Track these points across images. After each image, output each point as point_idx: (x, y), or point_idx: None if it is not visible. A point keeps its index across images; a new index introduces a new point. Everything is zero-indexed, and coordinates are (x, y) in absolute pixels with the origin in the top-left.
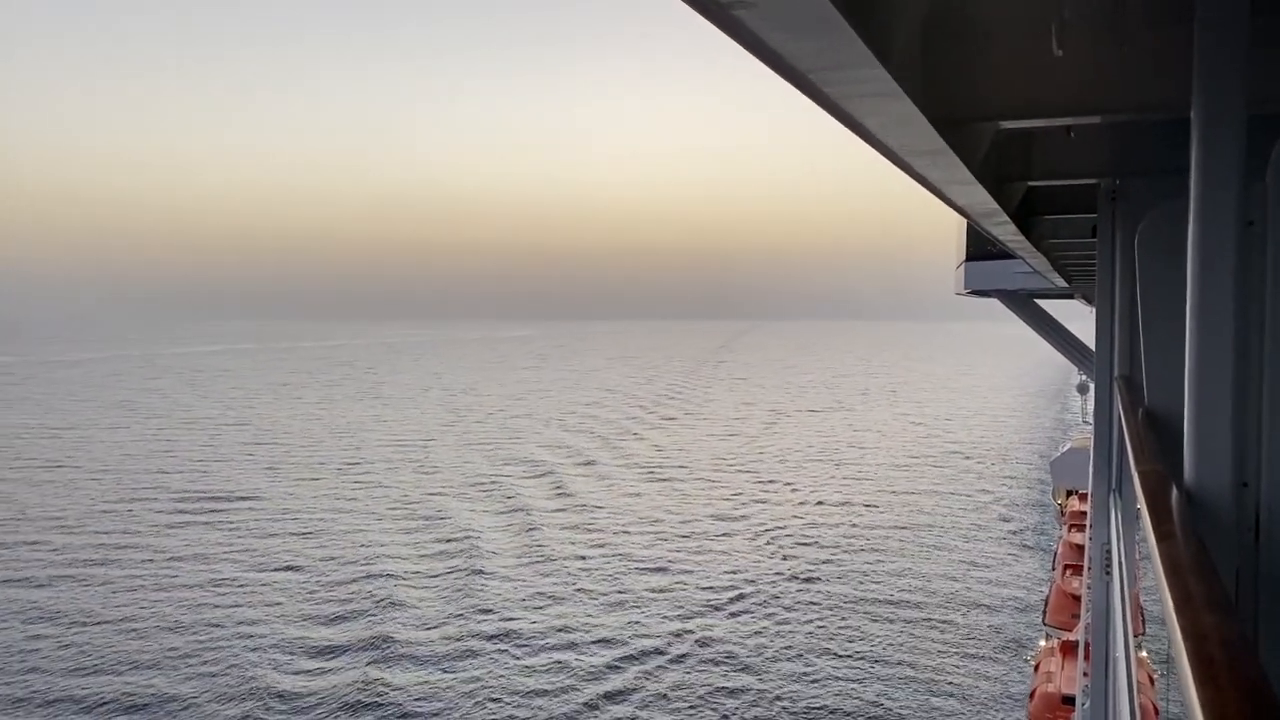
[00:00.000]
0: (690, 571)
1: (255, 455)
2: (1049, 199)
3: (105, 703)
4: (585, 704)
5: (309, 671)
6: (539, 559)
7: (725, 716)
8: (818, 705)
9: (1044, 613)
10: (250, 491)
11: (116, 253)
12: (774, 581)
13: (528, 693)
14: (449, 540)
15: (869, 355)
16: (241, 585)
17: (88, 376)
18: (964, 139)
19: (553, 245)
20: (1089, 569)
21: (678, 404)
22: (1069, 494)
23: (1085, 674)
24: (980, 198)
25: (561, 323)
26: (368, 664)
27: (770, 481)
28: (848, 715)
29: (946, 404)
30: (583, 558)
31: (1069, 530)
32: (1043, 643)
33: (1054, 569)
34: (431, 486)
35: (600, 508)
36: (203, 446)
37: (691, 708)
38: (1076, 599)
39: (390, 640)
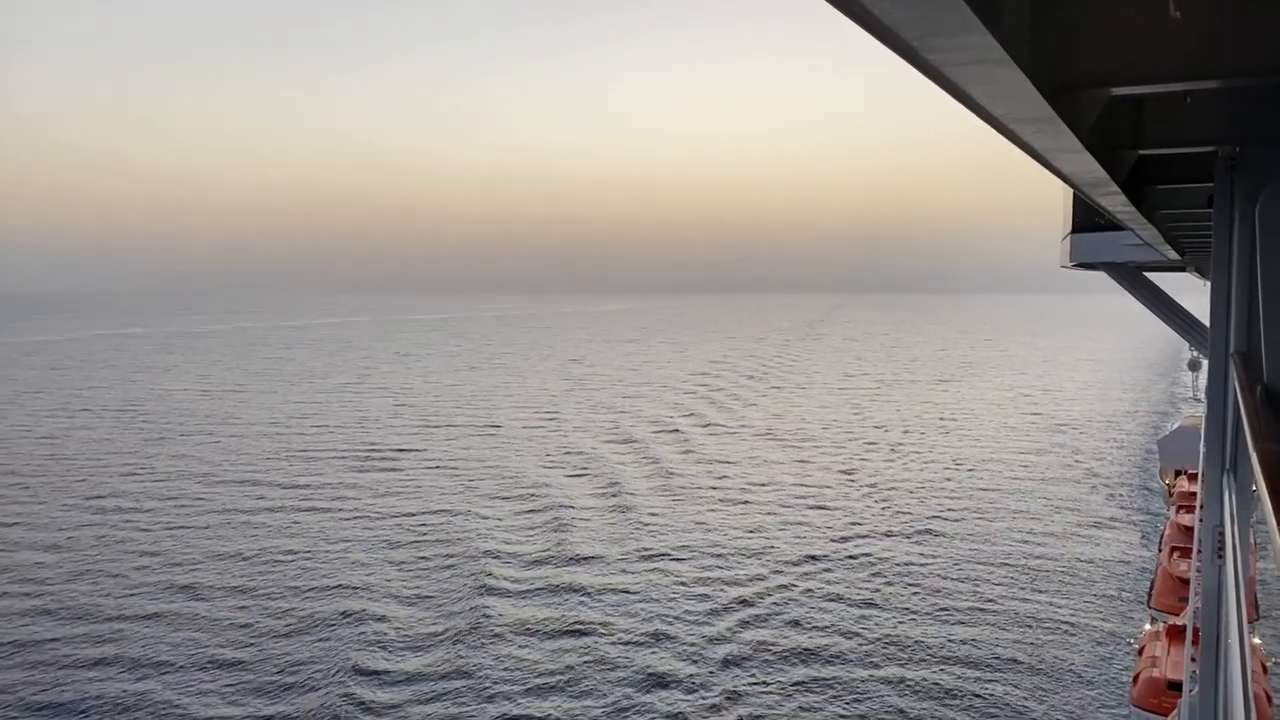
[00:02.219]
0: (805, 525)
1: (401, 416)
2: (1162, 167)
3: (341, 587)
4: (731, 625)
5: (521, 577)
6: (678, 502)
7: (839, 635)
8: (913, 659)
9: (1149, 596)
10: (407, 445)
11: (227, 229)
12: (879, 540)
13: (685, 602)
14: (602, 486)
15: (971, 329)
16: (420, 517)
17: (223, 346)
18: (1073, 106)
19: (643, 218)
20: (1198, 552)
21: (782, 375)
22: (1177, 474)
23: (1193, 660)
24: (1088, 167)
25: (655, 297)
26: (556, 570)
27: (875, 445)
28: (943, 689)
29: (1050, 378)
30: (714, 502)
31: (1176, 511)
32: (1147, 626)
33: (1160, 551)
34: (567, 445)
35: (724, 463)
36: (352, 409)
37: (810, 634)
38: (1184, 582)
39: (566, 556)
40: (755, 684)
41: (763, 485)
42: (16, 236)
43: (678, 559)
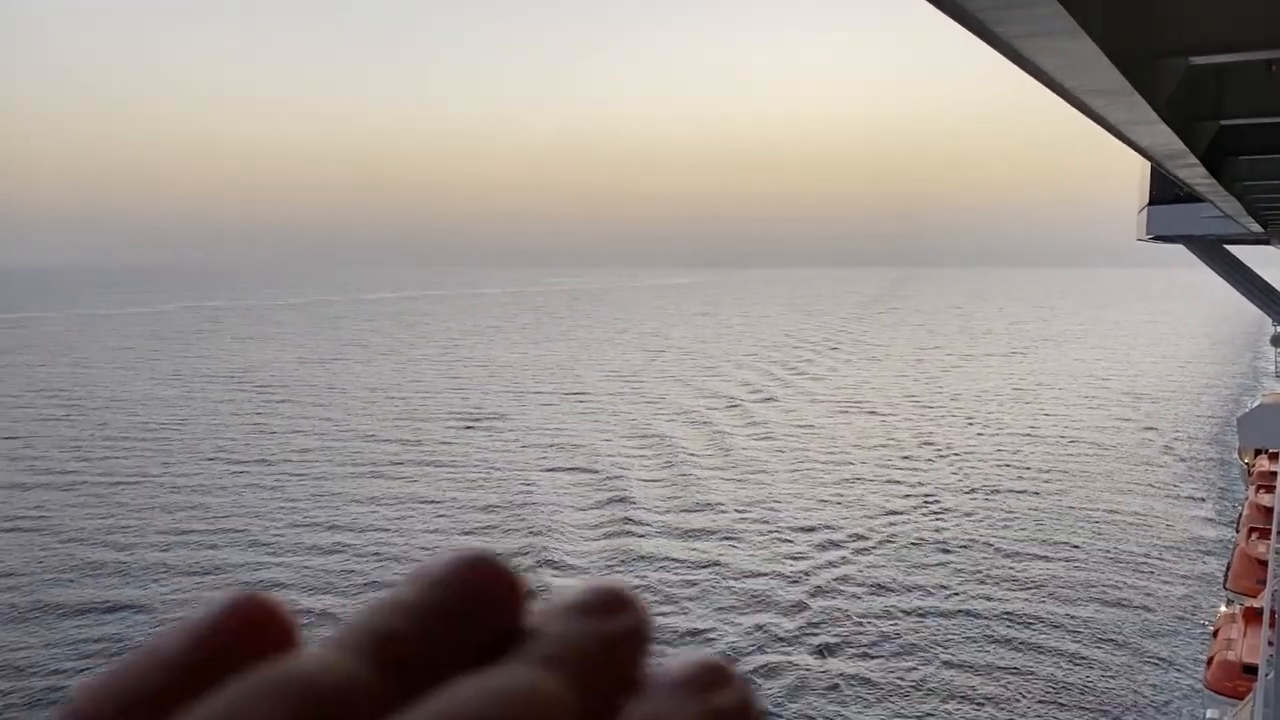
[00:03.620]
0: (890, 483)
1: (493, 384)
2: (1243, 138)
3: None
4: (810, 588)
5: (582, 538)
6: (760, 470)
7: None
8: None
9: (1225, 577)
10: (503, 413)
11: (290, 203)
12: (952, 510)
13: (764, 570)
14: (677, 454)
15: (1046, 302)
16: (522, 476)
17: (307, 319)
18: (1149, 77)
19: (705, 191)
20: (1278, 533)
21: (856, 347)
22: (1257, 453)
23: (1270, 643)
24: (1165, 139)
25: (721, 270)
26: (621, 536)
27: (951, 417)
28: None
29: (1126, 352)
30: (791, 469)
31: (1256, 491)
32: (1223, 608)
33: (1237, 531)
34: (653, 412)
35: (804, 429)
36: (445, 376)
37: (889, 592)
38: (1262, 564)
39: (635, 521)
40: (840, 646)
41: (841, 452)
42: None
43: (757, 525)
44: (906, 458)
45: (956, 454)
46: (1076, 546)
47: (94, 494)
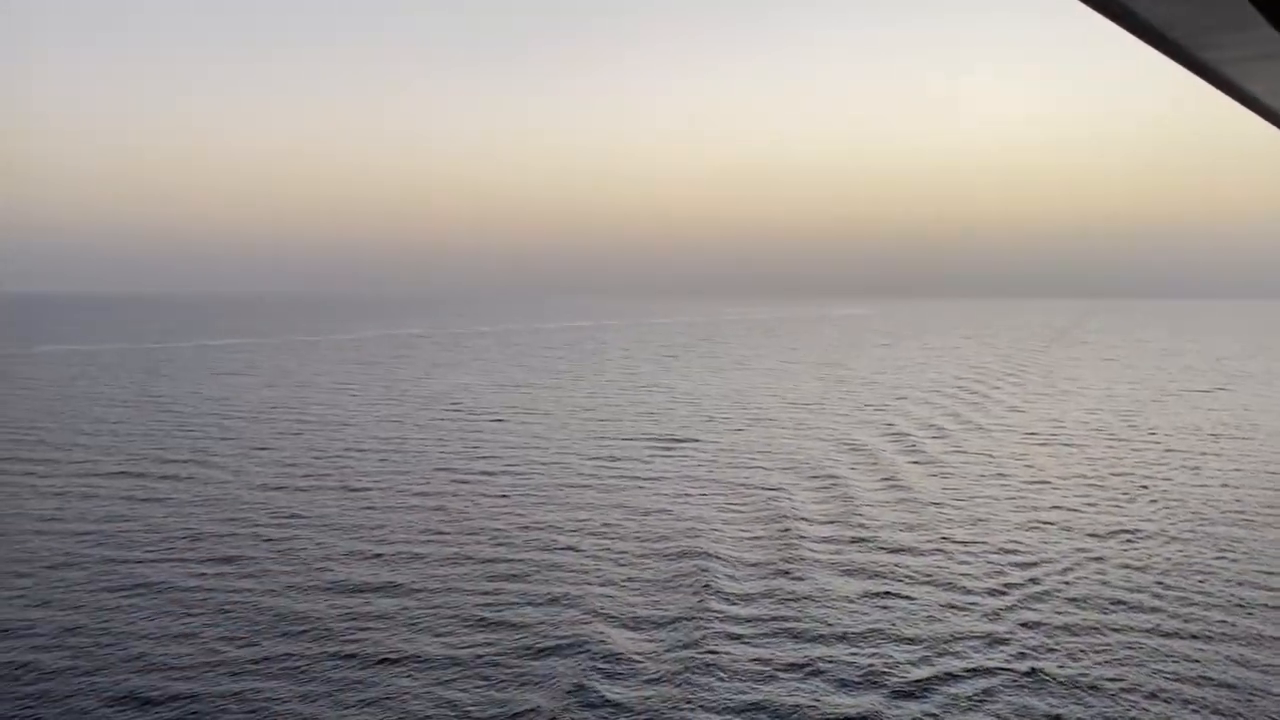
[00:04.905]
0: (1073, 525)
1: (679, 410)
2: None
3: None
4: (1000, 611)
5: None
6: (951, 500)
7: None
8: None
9: None
10: (693, 436)
11: (473, 234)
12: (1147, 540)
13: (951, 604)
14: (868, 482)
15: (1253, 338)
16: (721, 496)
17: (495, 346)
18: None
19: (869, 218)
20: None
21: (1045, 380)
22: None
23: None
24: None
25: (893, 300)
26: (849, 551)
27: (1146, 451)
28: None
29: None
30: (982, 501)
31: None
32: None
33: None
34: (841, 440)
35: (993, 460)
36: (632, 403)
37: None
38: None
39: (857, 539)
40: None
41: (1032, 486)
42: (246, 239)
43: (941, 556)
44: (1103, 491)
45: (1157, 490)
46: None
47: (339, 499)
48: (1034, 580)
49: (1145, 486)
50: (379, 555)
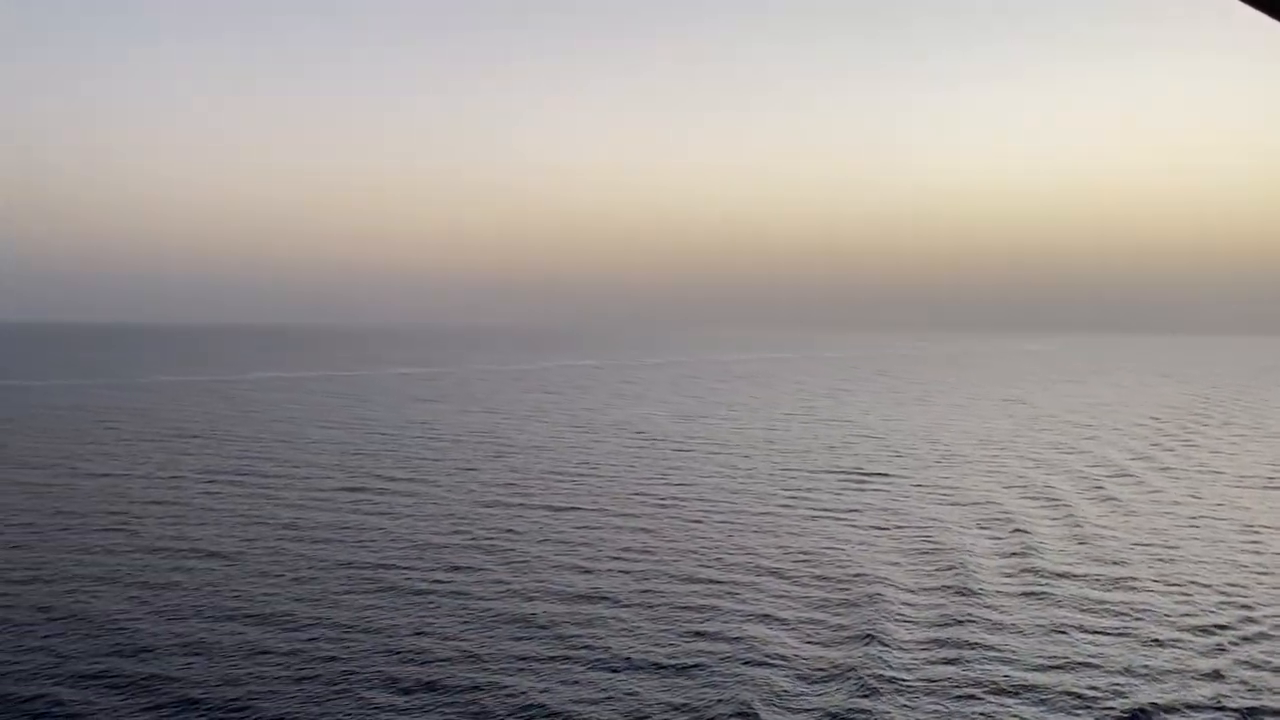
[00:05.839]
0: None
1: (859, 445)
2: None
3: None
4: (1199, 655)
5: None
6: (1149, 543)
7: None
8: None
9: None
10: (881, 470)
11: (637, 268)
12: None
13: (1146, 649)
14: (1066, 519)
15: None
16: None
17: (666, 377)
18: None
19: (1047, 248)
20: None
21: (1251, 420)
22: None
23: None
24: None
25: (1077, 335)
26: (1027, 583)
27: None
28: None
29: None
30: (1174, 545)
31: None
32: None
33: None
34: (1037, 479)
35: (1197, 502)
36: (814, 436)
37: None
38: None
39: (1057, 573)
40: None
41: (1248, 529)
42: (417, 269)
43: (1136, 610)
44: None
45: None
46: None
47: (546, 516)
48: (1249, 620)
49: None
50: (587, 569)
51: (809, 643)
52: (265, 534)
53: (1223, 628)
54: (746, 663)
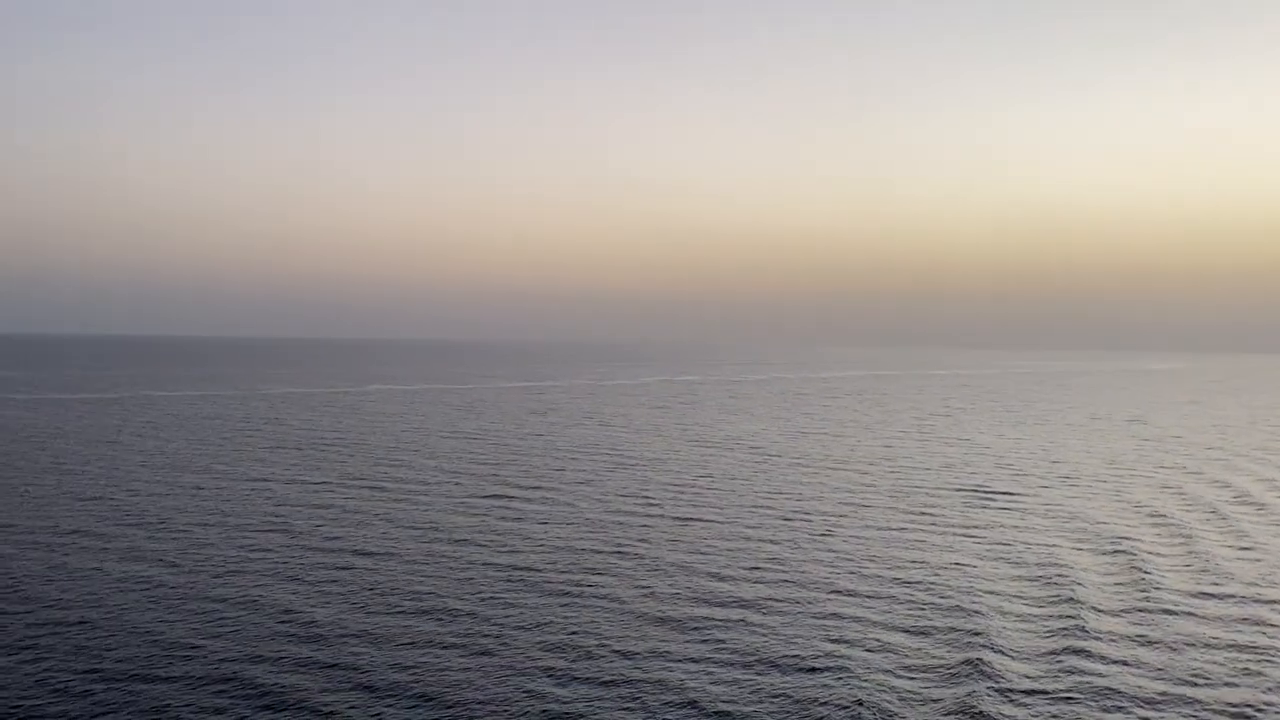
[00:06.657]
0: None
1: (980, 464)
2: None
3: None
4: None
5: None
6: (1256, 581)
7: None
8: None
9: None
10: (1011, 490)
11: (739, 286)
12: None
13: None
14: (1198, 543)
15: None
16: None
17: (769, 395)
18: None
19: (1180, 265)
20: None
21: None
22: None
23: None
24: None
25: (1202, 355)
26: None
27: None
28: None
29: None
30: None
31: None
32: None
33: None
34: (1170, 502)
35: None
36: (931, 455)
37: None
38: None
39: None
40: None
41: None
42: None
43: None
44: None
45: None
46: None
47: (672, 526)
48: None
49: None
50: (720, 575)
51: (920, 653)
52: (412, 536)
53: None
54: (867, 667)
